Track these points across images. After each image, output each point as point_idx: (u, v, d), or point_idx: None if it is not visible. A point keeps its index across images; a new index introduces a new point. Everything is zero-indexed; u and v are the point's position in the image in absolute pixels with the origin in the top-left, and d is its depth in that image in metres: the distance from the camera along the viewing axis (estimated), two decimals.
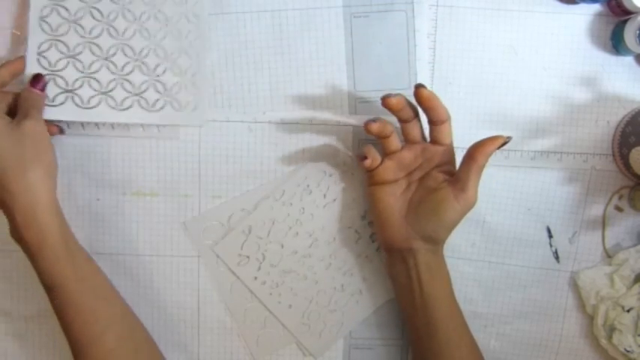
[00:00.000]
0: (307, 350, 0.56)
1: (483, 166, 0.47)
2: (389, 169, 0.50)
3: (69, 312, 0.48)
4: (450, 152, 0.49)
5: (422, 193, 0.49)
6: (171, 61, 0.54)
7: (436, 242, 0.49)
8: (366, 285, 0.56)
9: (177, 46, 0.53)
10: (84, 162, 0.55)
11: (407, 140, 0.50)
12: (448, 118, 0.48)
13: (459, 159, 0.49)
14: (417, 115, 0.49)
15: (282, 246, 0.55)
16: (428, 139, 0.50)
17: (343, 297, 0.56)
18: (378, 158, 0.50)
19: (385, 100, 0.47)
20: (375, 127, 0.47)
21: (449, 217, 0.48)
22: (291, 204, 0.55)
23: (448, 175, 0.49)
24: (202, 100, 0.54)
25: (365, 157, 0.49)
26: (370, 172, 0.50)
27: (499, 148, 0.47)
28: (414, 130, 0.49)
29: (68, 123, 0.54)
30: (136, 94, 0.53)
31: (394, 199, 0.50)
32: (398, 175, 0.50)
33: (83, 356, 0.48)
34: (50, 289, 0.48)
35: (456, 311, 0.51)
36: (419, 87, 0.47)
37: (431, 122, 0.48)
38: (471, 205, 0.48)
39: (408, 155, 0.50)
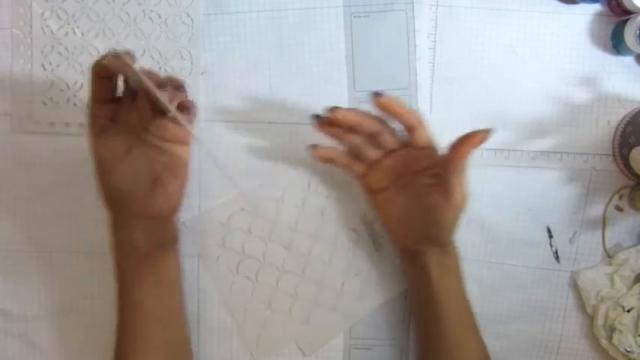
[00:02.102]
0: (305, 350, 0.56)
1: (463, 166, 0.44)
2: (376, 178, 0.50)
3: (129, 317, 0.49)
4: (432, 155, 0.47)
5: (412, 200, 0.48)
6: (165, 62, 0.54)
7: (441, 244, 0.49)
8: (366, 285, 0.56)
9: (171, 47, 0.54)
10: (84, 162, 0.55)
11: (383, 149, 0.49)
12: (420, 123, 0.47)
13: None
14: (384, 123, 0.48)
15: (283, 246, 0.55)
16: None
17: (342, 297, 0.56)
18: (331, 153, 0.50)
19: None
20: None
21: (444, 222, 0.47)
22: (291, 204, 0.55)
23: (435, 179, 0.47)
24: (196, 100, 0.54)
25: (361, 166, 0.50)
26: (362, 180, 0.51)
27: (479, 145, 0.43)
28: (384, 138, 0.49)
29: (68, 123, 0.54)
30: None
31: (391, 205, 0.50)
32: (387, 183, 0.50)
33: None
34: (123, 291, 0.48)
35: (467, 311, 0.50)
36: (375, 95, 0.45)
37: (405, 128, 0.47)
38: (462, 208, 0.46)
39: (389, 163, 0.49)
